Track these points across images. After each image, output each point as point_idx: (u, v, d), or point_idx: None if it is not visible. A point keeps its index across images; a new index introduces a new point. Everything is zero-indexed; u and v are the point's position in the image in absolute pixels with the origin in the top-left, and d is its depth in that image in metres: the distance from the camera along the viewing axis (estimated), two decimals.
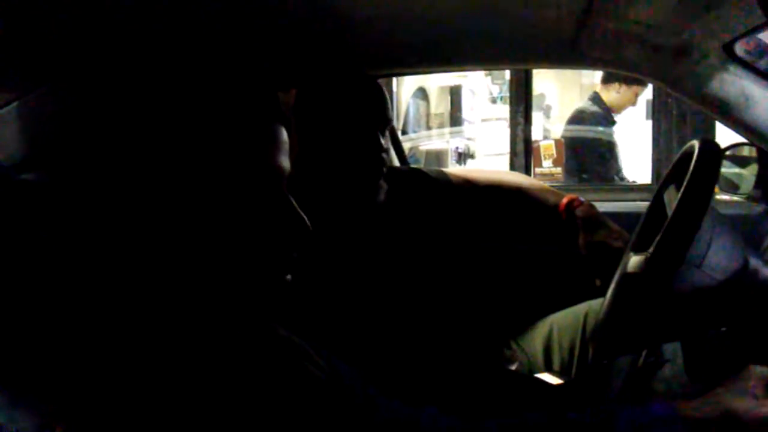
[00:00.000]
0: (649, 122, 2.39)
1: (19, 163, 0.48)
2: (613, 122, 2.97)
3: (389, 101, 1.03)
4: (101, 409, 0.37)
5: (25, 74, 0.65)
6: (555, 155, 3.40)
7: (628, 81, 2.76)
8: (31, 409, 0.35)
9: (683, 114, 2.14)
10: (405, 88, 5.54)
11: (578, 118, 3.07)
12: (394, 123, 1.13)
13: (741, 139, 1.15)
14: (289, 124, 0.53)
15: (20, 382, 0.36)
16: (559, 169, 3.37)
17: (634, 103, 2.94)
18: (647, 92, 3.32)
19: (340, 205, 0.99)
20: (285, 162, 0.50)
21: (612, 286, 0.98)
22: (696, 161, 0.74)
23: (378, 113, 0.99)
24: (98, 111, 0.45)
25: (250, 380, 0.48)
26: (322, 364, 0.57)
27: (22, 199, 0.45)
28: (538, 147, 3.40)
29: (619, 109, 2.94)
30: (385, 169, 0.99)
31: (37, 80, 0.58)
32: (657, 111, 2.22)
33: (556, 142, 3.42)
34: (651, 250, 0.78)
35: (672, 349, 1.02)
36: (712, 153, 0.76)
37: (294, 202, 0.50)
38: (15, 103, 0.52)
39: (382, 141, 0.99)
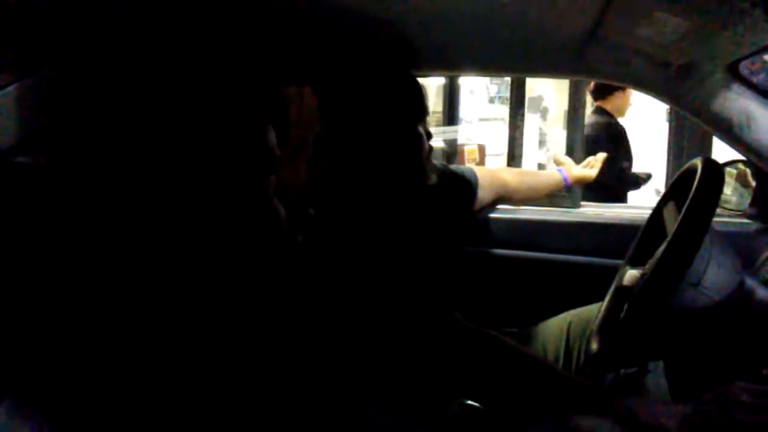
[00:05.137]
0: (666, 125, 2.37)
1: (16, 146, 0.47)
2: (620, 130, 2.93)
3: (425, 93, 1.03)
4: (99, 415, 0.36)
5: (24, 57, 0.63)
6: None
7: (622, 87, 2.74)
8: (31, 418, 0.34)
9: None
10: None
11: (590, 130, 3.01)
12: None
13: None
14: (284, 123, 0.52)
15: (18, 390, 0.35)
16: None
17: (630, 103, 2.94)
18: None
19: (387, 197, 0.98)
20: (270, 160, 0.48)
21: (606, 298, 0.98)
22: (699, 181, 0.74)
23: (417, 106, 0.98)
24: (96, 96, 0.44)
25: (244, 382, 0.47)
26: (317, 369, 0.57)
27: (16, 181, 0.44)
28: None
29: (622, 112, 2.92)
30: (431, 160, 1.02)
31: (36, 63, 0.57)
32: (675, 113, 2.21)
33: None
34: (649, 267, 0.78)
35: (654, 362, 1.03)
36: (716, 173, 0.76)
37: (277, 207, 0.48)
38: (14, 85, 0.51)
39: (422, 131, 1.00)
